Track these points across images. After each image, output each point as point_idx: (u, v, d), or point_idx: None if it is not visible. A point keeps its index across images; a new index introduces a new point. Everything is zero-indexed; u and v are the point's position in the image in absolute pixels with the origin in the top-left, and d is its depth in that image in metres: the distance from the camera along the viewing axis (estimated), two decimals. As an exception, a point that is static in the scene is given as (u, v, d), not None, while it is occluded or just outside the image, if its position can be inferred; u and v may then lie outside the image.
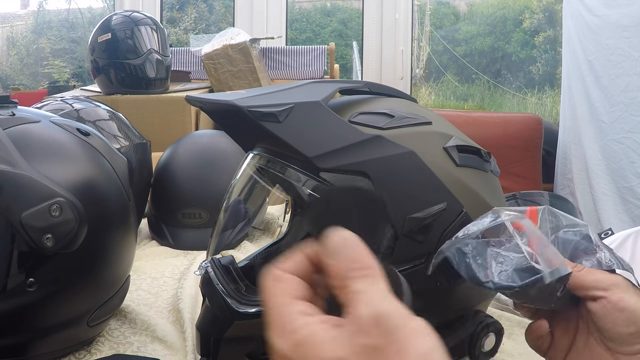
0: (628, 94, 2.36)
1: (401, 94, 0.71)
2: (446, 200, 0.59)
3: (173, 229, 1.20)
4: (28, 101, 1.05)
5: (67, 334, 0.71)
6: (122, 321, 0.83)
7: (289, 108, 0.58)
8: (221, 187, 0.78)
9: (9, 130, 0.66)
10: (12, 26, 4.39)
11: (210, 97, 0.63)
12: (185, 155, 1.25)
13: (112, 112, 1.22)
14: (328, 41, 3.22)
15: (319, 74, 2.57)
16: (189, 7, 4.06)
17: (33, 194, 0.63)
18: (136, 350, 0.76)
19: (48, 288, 0.65)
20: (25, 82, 4.11)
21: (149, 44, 1.92)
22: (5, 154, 0.63)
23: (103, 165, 0.74)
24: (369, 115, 0.62)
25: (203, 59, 2.11)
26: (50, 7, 4.31)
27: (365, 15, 3.18)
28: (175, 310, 0.87)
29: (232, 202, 0.75)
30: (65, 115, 1.05)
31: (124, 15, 1.99)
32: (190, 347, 0.77)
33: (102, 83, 1.94)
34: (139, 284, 0.96)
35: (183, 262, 1.09)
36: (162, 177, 1.23)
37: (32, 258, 0.64)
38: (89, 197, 0.68)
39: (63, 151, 0.70)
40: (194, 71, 2.47)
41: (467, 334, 0.64)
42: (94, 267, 0.70)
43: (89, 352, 0.75)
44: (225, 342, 0.64)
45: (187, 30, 3.93)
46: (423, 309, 0.62)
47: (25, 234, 0.62)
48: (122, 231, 0.74)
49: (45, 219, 0.63)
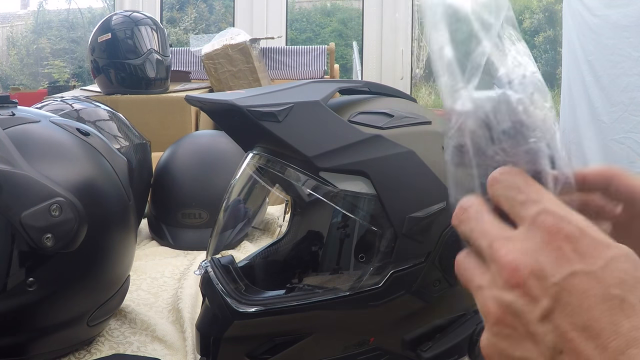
0: (628, 94, 2.36)
1: (401, 94, 0.71)
2: (446, 200, 0.59)
3: (173, 229, 1.20)
4: (28, 101, 1.06)
5: (67, 334, 0.71)
6: (122, 321, 0.83)
7: (289, 108, 0.58)
8: (221, 187, 0.78)
9: (9, 130, 0.66)
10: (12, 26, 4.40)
11: (210, 97, 0.63)
12: (185, 155, 1.25)
13: (112, 113, 1.22)
14: (328, 41, 3.22)
15: (319, 74, 2.57)
16: (189, 7, 4.06)
17: (33, 193, 0.63)
18: (136, 350, 0.76)
19: (48, 288, 0.65)
20: (25, 82, 4.12)
21: (149, 44, 1.92)
22: (5, 154, 0.63)
23: (103, 165, 0.74)
24: (368, 114, 0.62)
25: (203, 59, 2.11)
26: (50, 7, 4.32)
27: (365, 15, 3.18)
28: (175, 310, 0.87)
29: (231, 202, 0.75)
30: (65, 116, 1.05)
31: (124, 15, 1.99)
32: (190, 347, 0.77)
33: (102, 83, 1.94)
34: (139, 284, 0.96)
35: (183, 262, 1.09)
36: (162, 177, 1.23)
37: (32, 258, 0.64)
38: (89, 197, 0.68)
39: (63, 151, 0.70)
40: (194, 71, 2.47)
41: (467, 334, 0.64)
42: (93, 267, 0.70)
43: (89, 352, 0.75)
44: (225, 341, 0.64)
45: (187, 30, 3.93)
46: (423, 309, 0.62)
47: (25, 233, 0.62)
48: (122, 231, 0.74)
49: (45, 219, 0.63)
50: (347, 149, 0.58)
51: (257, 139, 0.68)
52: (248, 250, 1.12)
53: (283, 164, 0.62)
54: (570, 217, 0.31)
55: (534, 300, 0.30)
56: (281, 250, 0.79)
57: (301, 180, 0.60)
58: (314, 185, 0.59)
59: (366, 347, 0.63)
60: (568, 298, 0.29)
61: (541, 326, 0.30)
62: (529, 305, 0.30)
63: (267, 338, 0.63)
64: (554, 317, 0.30)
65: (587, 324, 0.29)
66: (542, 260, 0.30)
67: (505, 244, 0.32)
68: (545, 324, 0.30)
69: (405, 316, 0.62)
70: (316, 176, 0.59)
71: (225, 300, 0.64)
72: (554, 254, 0.30)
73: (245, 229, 1.10)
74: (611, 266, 0.30)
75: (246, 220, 0.99)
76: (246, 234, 1.19)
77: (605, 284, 0.29)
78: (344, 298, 0.61)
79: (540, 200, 0.32)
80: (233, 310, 0.63)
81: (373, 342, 0.63)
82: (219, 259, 0.70)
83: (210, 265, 0.68)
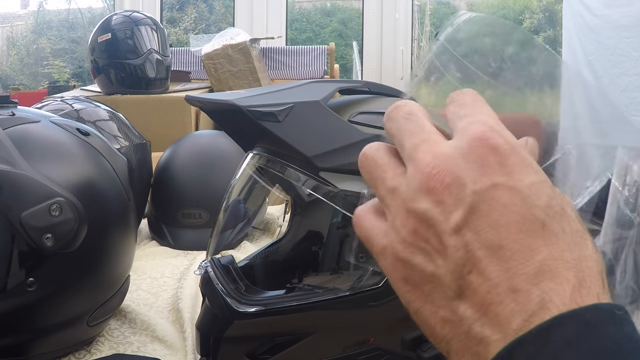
0: (628, 94, 2.36)
1: (401, 94, 0.71)
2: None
3: (173, 229, 1.20)
4: (28, 101, 1.06)
5: (67, 334, 0.71)
6: (122, 321, 0.83)
7: (289, 108, 0.58)
8: (221, 187, 0.78)
9: (9, 130, 0.66)
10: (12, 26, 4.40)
11: (210, 97, 0.63)
12: (185, 155, 1.25)
13: (112, 113, 1.22)
14: (328, 41, 3.22)
15: (319, 74, 2.57)
16: (189, 7, 4.06)
17: (33, 193, 0.63)
18: (136, 350, 0.76)
19: (48, 288, 0.65)
20: (25, 82, 4.12)
21: (149, 44, 1.92)
22: (5, 154, 0.63)
23: (103, 165, 0.74)
24: (368, 114, 0.62)
25: (203, 59, 2.11)
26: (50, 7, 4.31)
27: (365, 15, 3.18)
28: (175, 310, 0.87)
29: (231, 202, 0.75)
30: (65, 116, 1.05)
31: (124, 15, 1.99)
32: (190, 347, 0.77)
33: (102, 83, 1.94)
34: (139, 284, 0.96)
35: (183, 262, 1.09)
36: (162, 177, 1.23)
37: (32, 258, 0.64)
38: (89, 197, 0.68)
39: (63, 151, 0.70)
40: (194, 71, 2.46)
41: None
42: (93, 267, 0.70)
43: (89, 352, 0.75)
44: (225, 341, 0.64)
45: (187, 30, 3.93)
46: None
47: (25, 233, 0.62)
48: (122, 231, 0.74)
49: (45, 219, 0.63)
50: (347, 149, 0.58)
51: (257, 139, 0.68)
52: (248, 250, 1.12)
53: (283, 164, 0.62)
54: (503, 132, 0.28)
55: (448, 209, 0.27)
56: (281, 250, 0.79)
57: (301, 180, 0.60)
58: (314, 185, 0.59)
59: (366, 347, 0.63)
60: (486, 210, 0.26)
61: (453, 239, 0.26)
62: (443, 215, 0.27)
63: (267, 338, 0.63)
64: (466, 230, 0.26)
65: (501, 243, 0.25)
66: (463, 166, 0.27)
67: (430, 146, 0.28)
68: (457, 237, 0.26)
69: (405, 316, 0.62)
70: (316, 176, 0.59)
71: (225, 300, 0.64)
72: (478, 162, 0.27)
73: (245, 229, 1.10)
74: (538, 187, 0.27)
75: (246, 220, 0.99)
76: (246, 234, 1.19)
77: (530, 203, 0.26)
78: (344, 298, 0.61)
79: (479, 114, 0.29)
80: (233, 310, 0.63)
81: (373, 342, 0.63)
82: (219, 259, 0.70)
83: (210, 265, 0.68)
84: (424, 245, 0.27)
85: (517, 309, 0.25)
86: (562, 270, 0.25)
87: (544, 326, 0.24)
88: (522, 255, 0.25)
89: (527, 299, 0.25)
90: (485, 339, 0.25)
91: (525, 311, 0.25)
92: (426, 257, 0.27)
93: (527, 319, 0.24)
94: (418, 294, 0.28)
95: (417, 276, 0.28)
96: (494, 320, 0.25)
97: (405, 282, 0.29)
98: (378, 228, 0.30)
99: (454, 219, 0.26)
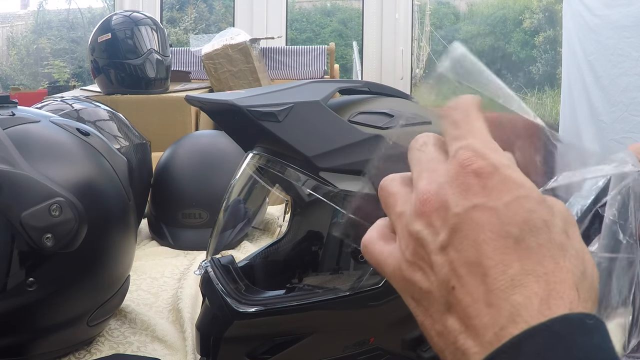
0: (628, 94, 2.36)
1: (401, 94, 0.71)
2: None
3: (173, 229, 1.20)
4: (28, 101, 1.06)
5: (67, 334, 0.71)
6: (122, 321, 0.83)
7: (289, 108, 0.58)
8: (221, 187, 0.78)
9: (9, 130, 0.66)
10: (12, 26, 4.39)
11: (210, 97, 0.63)
12: (185, 155, 1.25)
13: (112, 113, 1.22)
14: (328, 41, 3.22)
15: (319, 74, 2.57)
16: (189, 7, 4.06)
17: (33, 193, 0.63)
18: (136, 350, 0.76)
19: (48, 288, 0.65)
20: (25, 82, 4.11)
21: (149, 44, 1.91)
22: (5, 154, 0.63)
23: (103, 165, 0.74)
24: (368, 115, 0.62)
25: (203, 59, 2.11)
26: (50, 7, 4.31)
27: (365, 15, 3.18)
28: (175, 310, 0.87)
29: (231, 202, 0.75)
30: (65, 116, 1.05)
31: (124, 15, 1.99)
32: (190, 347, 0.77)
33: (102, 83, 1.94)
34: (139, 284, 0.96)
35: (183, 262, 1.09)
36: (162, 177, 1.23)
37: (32, 258, 0.64)
38: (89, 197, 0.68)
39: (63, 151, 0.70)
40: (194, 71, 2.46)
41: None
42: (93, 267, 0.70)
43: (89, 352, 0.75)
44: (225, 341, 0.64)
45: (187, 30, 3.93)
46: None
47: (25, 233, 0.62)
48: (122, 231, 0.74)
49: (45, 219, 0.63)
50: (347, 149, 0.58)
51: (257, 139, 0.68)
52: (248, 250, 1.12)
53: (283, 164, 0.62)
54: (488, 154, 0.30)
55: (436, 230, 0.30)
56: (281, 250, 0.79)
57: (301, 180, 0.60)
58: (314, 185, 0.59)
59: (366, 347, 0.63)
60: (466, 230, 0.29)
61: (439, 257, 0.29)
62: (432, 235, 0.30)
63: (267, 338, 0.63)
64: (449, 249, 0.29)
65: (479, 260, 0.28)
66: (449, 192, 0.30)
67: (429, 174, 0.32)
68: (442, 255, 0.29)
69: (405, 316, 0.62)
70: (316, 176, 0.59)
71: (225, 300, 0.64)
72: (461, 187, 0.30)
73: (245, 229, 1.10)
74: (516, 204, 0.29)
75: (246, 220, 0.99)
76: (246, 234, 1.19)
77: (505, 220, 0.28)
78: (344, 298, 0.61)
79: (469, 136, 0.32)
80: (233, 310, 0.63)
81: (373, 342, 0.63)
82: (219, 259, 0.70)
83: (210, 265, 0.68)
84: (421, 264, 0.30)
85: (490, 323, 0.27)
86: (533, 283, 0.27)
87: (516, 339, 0.26)
88: (496, 271, 0.27)
89: (498, 313, 0.27)
90: (467, 351, 0.27)
91: (497, 325, 0.26)
92: (423, 275, 0.30)
93: (498, 332, 0.26)
94: (421, 309, 0.31)
95: (417, 292, 0.31)
96: (473, 332, 0.27)
97: (412, 299, 0.31)
98: (387, 252, 0.33)
99: (440, 239, 0.29)
